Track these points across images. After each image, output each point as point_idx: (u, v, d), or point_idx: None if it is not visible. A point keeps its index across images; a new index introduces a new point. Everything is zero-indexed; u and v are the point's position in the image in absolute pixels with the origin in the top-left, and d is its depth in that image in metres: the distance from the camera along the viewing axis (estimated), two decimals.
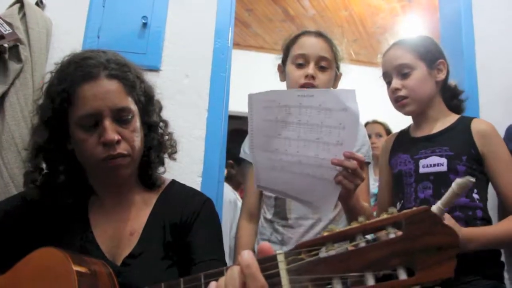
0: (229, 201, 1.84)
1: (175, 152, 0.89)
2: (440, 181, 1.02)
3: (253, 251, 1.18)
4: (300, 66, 1.14)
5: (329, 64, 1.14)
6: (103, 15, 1.38)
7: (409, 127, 1.21)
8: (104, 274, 0.68)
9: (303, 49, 1.14)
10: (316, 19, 3.25)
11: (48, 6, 1.35)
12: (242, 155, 1.24)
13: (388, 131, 2.25)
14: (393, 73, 1.10)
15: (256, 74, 3.73)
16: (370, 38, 3.49)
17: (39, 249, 0.68)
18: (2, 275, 0.71)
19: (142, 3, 1.41)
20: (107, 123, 0.73)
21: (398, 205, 1.10)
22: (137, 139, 0.78)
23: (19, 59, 1.18)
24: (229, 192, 1.80)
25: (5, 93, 1.17)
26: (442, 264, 0.33)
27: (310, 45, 1.14)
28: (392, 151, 1.19)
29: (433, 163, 1.04)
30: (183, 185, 0.89)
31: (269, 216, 1.16)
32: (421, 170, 1.06)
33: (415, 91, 1.07)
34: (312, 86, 1.11)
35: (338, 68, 1.19)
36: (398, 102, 1.10)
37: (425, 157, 1.06)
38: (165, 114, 0.90)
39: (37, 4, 1.32)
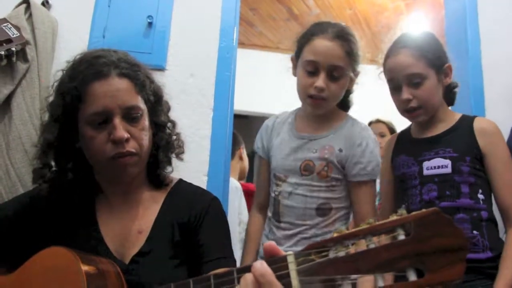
0: (235, 188, 1.85)
1: (183, 152, 0.89)
2: (445, 182, 1.01)
3: (259, 242, 1.20)
4: (310, 74, 1.06)
5: (341, 73, 1.05)
6: (108, 14, 1.39)
7: (409, 127, 1.18)
8: (112, 273, 0.69)
9: (315, 55, 1.05)
10: (320, 18, 3.19)
11: (54, 6, 1.36)
12: (255, 149, 1.25)
13: (391, 130, 2.22)
14: (402, 81, 1.05)
15: (260, 73, 3.74)
16: (375, 37, 3.47)
17: (48, 248, 0.69)
18: (11, 274, 0.72)
19: (147, 3, 1.42)
20: (117, 121, 0.74)
21: (404, 207, 1.09)
22: (146, 138, 0.78)
23: (25, 59, 1.18)
24: (233, 180, 1.82)
25: (12, 93, 1.17)
26: (452, 266, 0.33)
27: (323, 52, 1.04)
28: (394, 152, 1.17)
29: (437, 165, 1.03)
30: (190, 184, 0.90)
31: (269, 213, 1.19)
32: (425, 172, 1.04)
33: (428, 101, 1.04)
34: (321, 98, 1.06)
35: (354, 70, 1.11)
36: (410, 113, 1.06)
37: (429, 159, 1.04)
38: (170, 114, 0.90)
39: (43, 4, 1.33)
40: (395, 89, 1.08)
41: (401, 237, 0.35)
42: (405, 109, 1.07)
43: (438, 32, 1.20)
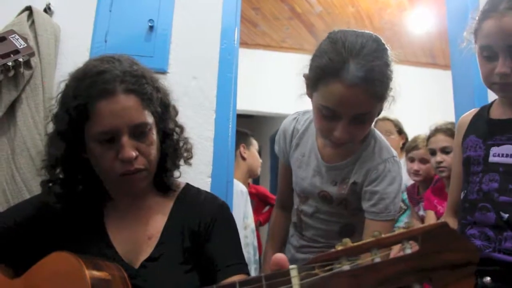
0: (241, 192, 1.85)
1: (191, 157, 0.88)
2: (510, 175, 0.85)
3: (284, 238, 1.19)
4: (328, 118, 0.87)
5: (366, 117, 0.88)
6: (110, 19, 1.38)
7: (491, 104, 0.99)
8: (118, 278, 0.69)
9: (332, 103, 0.84)
10: (323, 16, 3.22)
11: (56, 12, 1.36)
12: (276, 151, 1.20)
13: (399, 129, 2.20)
14: (501, 50, 0.83)
15: (264, 73, 3.73)
16: (378, 34, 3.44)
17: (52, 254, 0.69)
18: (18, 278, 0.72)
19: (148, 7, 1.41)
20: (125, 139, 0.72)
21: (462, 194, 0.96)
22: (154, 152, 0.78)
23: (29, 66, 1.19)
24: (238, 183, 1.81)
25: (16, 100, 1.18)
26: (460, 282, 0.32)
27: (342, 102, 0.83)
28: (466, 131, 0.99)
29: (506, 152, 0.86)
30: (198, 189, 0.89)
31: (293, 219, 1.16)
32: (491, 159, 0.88)
33: None
34: (342, 143, 0.90)
35: (383, 103, 0.91)
36: (502, 87, 0.87)
37: (498, 145, 0.88)
38: None
39: (45, 10, 1.33)
40: (489, 57, 0.87)
41: (408, 250, 0.34)
42: (496, 82, 0.87)
43: (441, 28, 1.17)
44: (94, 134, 0.73)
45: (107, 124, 0.72)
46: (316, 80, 0.88)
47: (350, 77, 0.81)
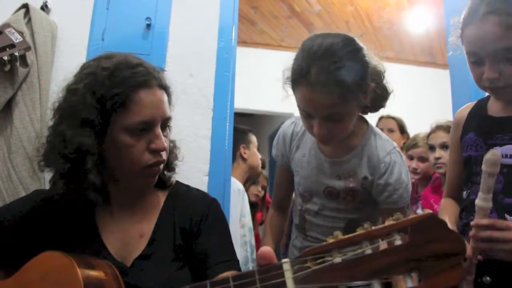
0: (238, 190, 1.85)
1: (177, 158, 0.89)
2: None
3: (279, 237, 1.20)
4: (306, 117, 0.92)
5: (340, 116, 0.90)
6: (107, 17, 1.39)
7: (488, 98, 0.96)
8: (110, 275, 0.68)
9: (303, 105, 0.90)
10: (322, 15, 3.22)
11: (53, 10, 1.36)
12: (273, 156, 1.20)
13: (401, 127, 2.22)
14: (486, 56, 0.81)
15: (263, 72, 3.73)
16: (377, 33, 3.45)
17: (44, 253, 0.68)
18: (9, 279, 0.72)
19: (146, 5, 1.42)
20: (159, 131, 0.75)
21: (465, 194, 0.94)
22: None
23: (25, 64, 1.19)
24: (235, 181, 1.80)
25: (12, 97, 1.18)
26: (449, 271, 0.32)
27: (311, 104, 0.87)
28: (464, 127, 0.97)
29: (509, 153, 0.84)
30: (188, 187, 0.90)
31: (296, 221, 1.17)
32: None
33: None
34: (326, 139, 0.94)
35: (363, 95, 0.91)
36: (493, 90, 0.86)
37: (501, 144, 0.86)
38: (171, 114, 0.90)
39: (42, 8, 1.33)
40: (476, 62, 0.85)
41: (398, 242, 0.34)
42: (486, 86, 0.86)
43: (439, 27, 1.16)
44: (131, 123, 0.72)
45: (146, 114, 0.73)
46: (292, 86, 0.93)
47: (312, 82, 0.84)
